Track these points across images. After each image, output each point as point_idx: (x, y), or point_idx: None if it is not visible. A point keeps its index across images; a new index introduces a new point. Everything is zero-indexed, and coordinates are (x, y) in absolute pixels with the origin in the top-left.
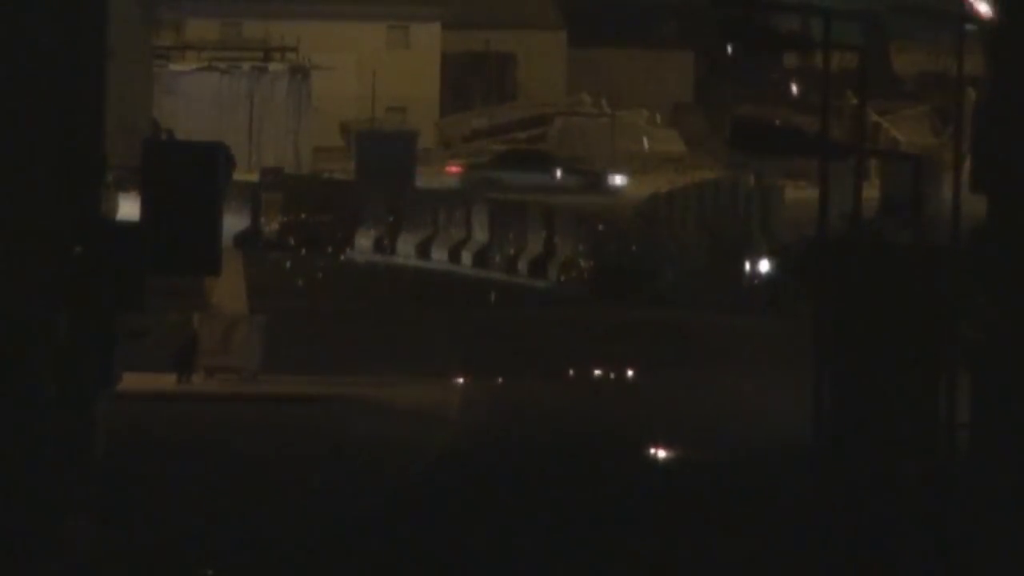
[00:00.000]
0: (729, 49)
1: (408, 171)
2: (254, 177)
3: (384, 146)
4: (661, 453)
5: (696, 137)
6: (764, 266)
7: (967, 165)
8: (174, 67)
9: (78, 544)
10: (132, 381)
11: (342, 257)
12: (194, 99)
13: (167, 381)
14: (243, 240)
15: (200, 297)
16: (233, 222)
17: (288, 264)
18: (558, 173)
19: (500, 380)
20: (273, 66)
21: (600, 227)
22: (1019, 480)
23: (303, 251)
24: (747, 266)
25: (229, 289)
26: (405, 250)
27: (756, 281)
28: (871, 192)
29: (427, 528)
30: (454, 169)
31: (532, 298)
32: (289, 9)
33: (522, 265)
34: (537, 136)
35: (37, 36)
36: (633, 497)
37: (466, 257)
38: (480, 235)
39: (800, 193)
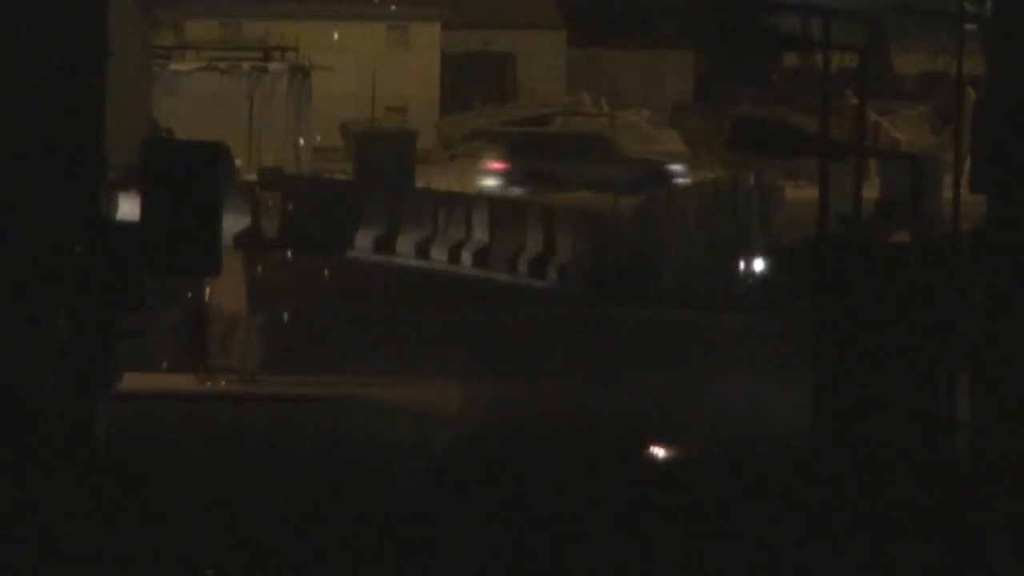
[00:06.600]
0: (728, 50)
1: (408, 171)
2: (254, 177)
3: (384, 146)
4: (661, 452)
5: (696, 137)
6: (760, 265)
7: (967, 165)
8: (174, 67)
9: (78, 544)
10: (132, 381)
11: (342, 257)
12: (194, 99)
13: (167, 381)
14: (243, 240)
15: (200, 297)
16: (233, 222)
17: (288, 264)
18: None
19: (500, 380)
20: (273, 66)
21: (600, 227)
22: (1019, 480)
23: (303, 251)
24: (745, 265)
25: (229, 289)
26: (405, 250)
27: (751, 280)
28: (871, 192)
29: (427, 528)
30: (498, 165)
31: (532, 298)
32: (289, 9)
33: (522, 265)
34: None
35: (37, 36)
36: (633, 496)
37: (466, 257)
38: (480, 235)
39: (800, 193)
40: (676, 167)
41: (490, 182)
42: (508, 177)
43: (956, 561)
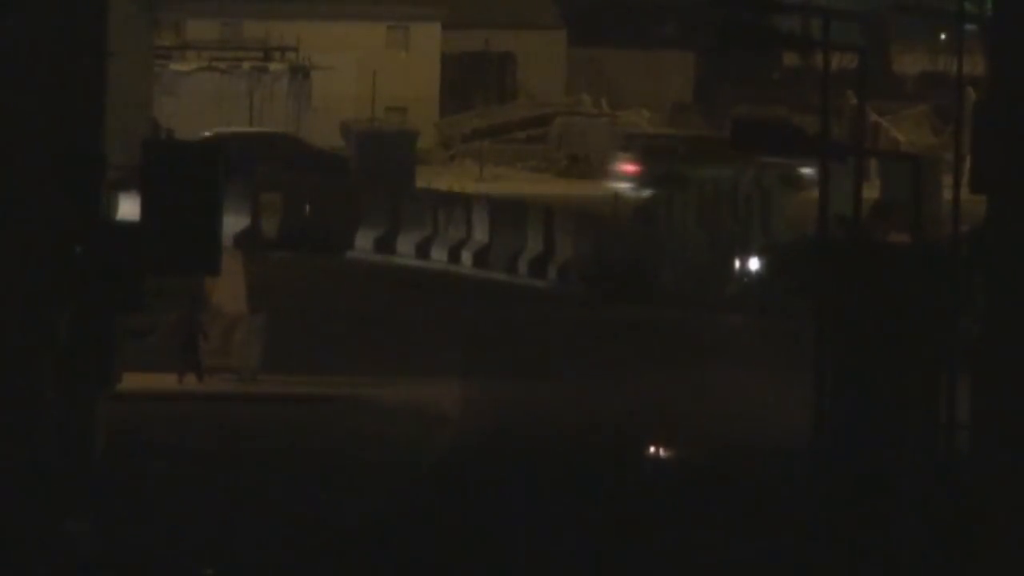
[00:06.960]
0: (723, 46)
1: (408, 171)
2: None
3: (384, 146)
4: (660, 452)
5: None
6: (758, 265)
7: (967, 165)
8: (174, 67)
9: (78, 544)
10: (132, 381)
11: (342, 257)
12: (194, 99)
13: (167, 381)
14: (243, 240)
15: (199, 297)
16: (233, 222)
17: (288, 264)
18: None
19: (500, 380)
20: (273, 66)
21: (600, 227)
22: (1019, 480)
23: (303, 251)
24: (742, 265)
25: (229, 289)
26: (405, 250)
27: (747, 280)
28: (871, 192)
29: (427, 528)
30: (630, 168)
31: (532, 298)
32: (289, 9)
33: (522, 265)
34: (537, 136)
35: (37, 36)
36: (632, 496)
37: (466, 257)
38: (480, 235)
39: (800, 193)
40: (807, 170)
41: (622, 185)
42: (639, 180)
43: (957, 561)
